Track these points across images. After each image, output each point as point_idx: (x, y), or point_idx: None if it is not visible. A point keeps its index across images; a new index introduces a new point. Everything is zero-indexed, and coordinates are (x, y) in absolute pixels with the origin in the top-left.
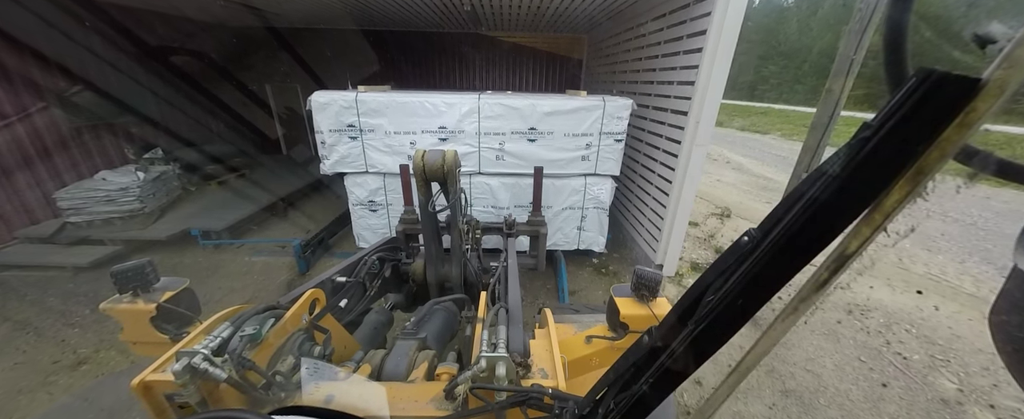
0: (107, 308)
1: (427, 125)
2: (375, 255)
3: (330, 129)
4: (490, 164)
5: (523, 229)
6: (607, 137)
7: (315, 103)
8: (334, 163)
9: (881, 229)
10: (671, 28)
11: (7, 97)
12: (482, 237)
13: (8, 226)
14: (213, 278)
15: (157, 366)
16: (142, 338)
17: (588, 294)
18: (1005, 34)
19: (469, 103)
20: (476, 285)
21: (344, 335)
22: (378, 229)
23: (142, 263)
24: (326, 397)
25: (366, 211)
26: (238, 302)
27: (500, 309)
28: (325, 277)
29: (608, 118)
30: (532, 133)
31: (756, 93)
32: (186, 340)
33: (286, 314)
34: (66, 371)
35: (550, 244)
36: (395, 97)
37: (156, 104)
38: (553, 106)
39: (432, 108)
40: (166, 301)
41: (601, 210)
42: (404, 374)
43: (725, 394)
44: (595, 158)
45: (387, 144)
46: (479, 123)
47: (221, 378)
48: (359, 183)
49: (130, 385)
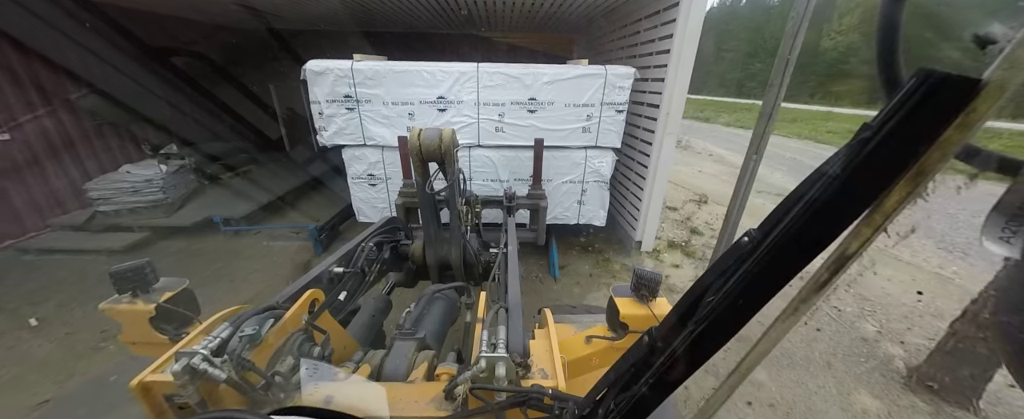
0: (106, 308)
1: (425, 95)
2: (372, 240)
3: (327, 100)
4: (489, 136)
5: (523, 203)
6: (608, 108)
7: (310, 72)
8: (331, 135)
9: (882, 230)
10: (647, 31)
11: (38, 99)
12: (482, 211)
13: (42, 215)
14: (236, 261)
15: (156, 366)
16: (141, 339)
17: (576, 268)
18: (1005, 34)
19: (468, 71)
20: (476, 266)
21: (342, 335)
22: (377, 203)
23: (141, 264)
24: (325, 398)
25: (365, 185)
26: (263, 281)
27: (500, 309)
28: (322, 269)
29: (610, 88)
30: (532, 104)
31: (744, 90)
32: (185, 341)
33: (285, 314)
34: (113, 339)
35: (550, 218)
36: (392, 66)
37: (168, 104)
38: (554, 75)
39: (429, 77)
40: (165, 301)
41: (602, 184)
42: (404, 375)
43: (725, 394)
44: (596, 130)
45: (384, 115)
46: (478, 93)
47: (220, 379)
48: (357, 156)
49: (129, 385)
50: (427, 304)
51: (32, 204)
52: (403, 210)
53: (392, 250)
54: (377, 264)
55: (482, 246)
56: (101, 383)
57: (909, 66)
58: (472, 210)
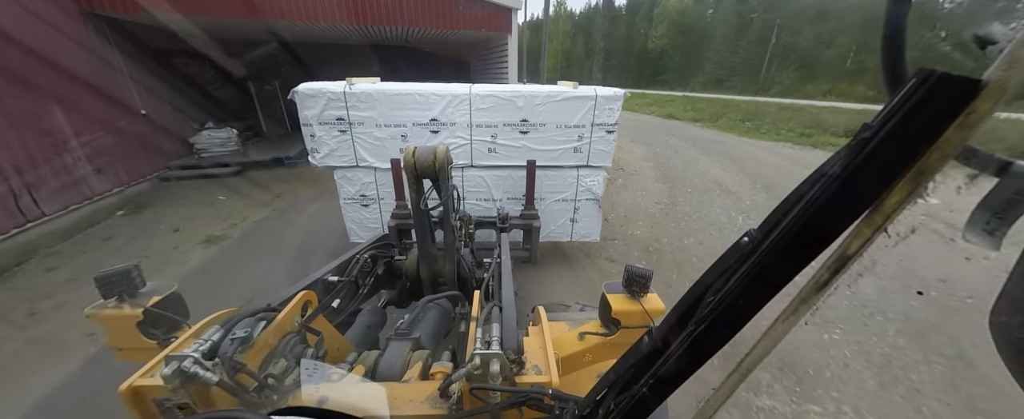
0: (92, 314)
1: (418, 117)
2: (367, 253)
3: (319, 122)
4: (482, 157)
5: (516, 223)
6: (599, 128)
7: (300, 95)
8: (323, 157)
9: (882, 230)
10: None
11: (152, 96)
12: (475, 232)
13: (166, 159)
14: (301, 183)
15: (145, 371)
16: (128, 344)
17: None
18: (1005, 34)
19: (461, 94)
20: (470, 281)
21: (337, 336)
22: (369, 223)
23: (128, 268)
24: (320, 398)
25: (357, 206)
26: (328, 191)
27: (493, 307)
28: (317, 277)
29: (600, 109)
30: (524, 125)
31: (598, 80)
32: (175, 345)
33: (278, 317)
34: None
35: (543, 236)
36: (384, 88)
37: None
38: (546, 97)
39: (422, 100)
40: (153, 305)
41: (593, 201)
42: (398, 374)
43: (725, 394)
44: (587, 150)
45: (377, 137)
46: (471, 115)
47: (212, 381)
48: (349, 178)
49: (117, 391)
50: (421, 311)
51: (160, 151)
52: (396, 231)
53: (386, 265)
54: (371, 277)
55: (475, 264)
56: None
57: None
58: (466, 227)
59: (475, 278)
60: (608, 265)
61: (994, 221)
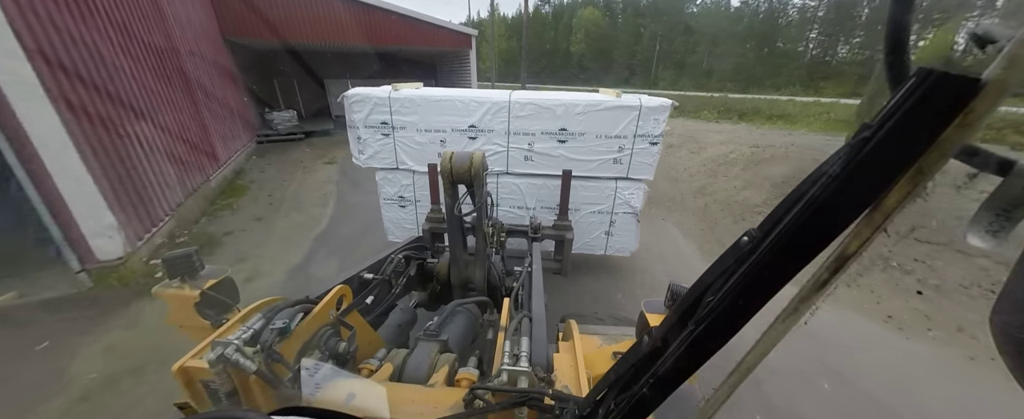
0: (158, 292)
1: (457, 123)
2: (401, 253)
3: (364, 125)
4: (518, 164)
5: (549, 233)
6: (642, 140)
7: (349, 99)
8: (368, 158)
9: (881, 229)
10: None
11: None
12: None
13: (252, 130)
14: (343, 145)
15: (195, 353)
16: (186, 322)
17: None
18: (1005, 34)
19: (501, 101)
20: (499, 288)
21: (369, 332)
22: (405, 224)
23: (189, 252)
24: (347, 395)
25: (395, 206)
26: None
27: (523, 318)
28: (353, 273)
29: (644, 120)
30: (562, 134)
31: (543, 78)
32: (223, 329)
33: (315, 309)
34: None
35: (576, 248)
36: (426, 94)
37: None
38: (586, 106)
39: (462, 106)
40: (209, 289)
41: (631, 215)
42: (425, 376)
43: (725, 394)
44: (628, 161)
45: (418, 142)
46: (509, 123)
47: (251, 370)
48: (390, 179)
49: (171, 370)
50: (450, 314)
51: (251, 126)
52: (429, 235)
53: (418, 267)
54: (404, 277)
55: (506, 272)
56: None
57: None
58: (498, 234)
59: (504, 286)
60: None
61: (998, 221)
